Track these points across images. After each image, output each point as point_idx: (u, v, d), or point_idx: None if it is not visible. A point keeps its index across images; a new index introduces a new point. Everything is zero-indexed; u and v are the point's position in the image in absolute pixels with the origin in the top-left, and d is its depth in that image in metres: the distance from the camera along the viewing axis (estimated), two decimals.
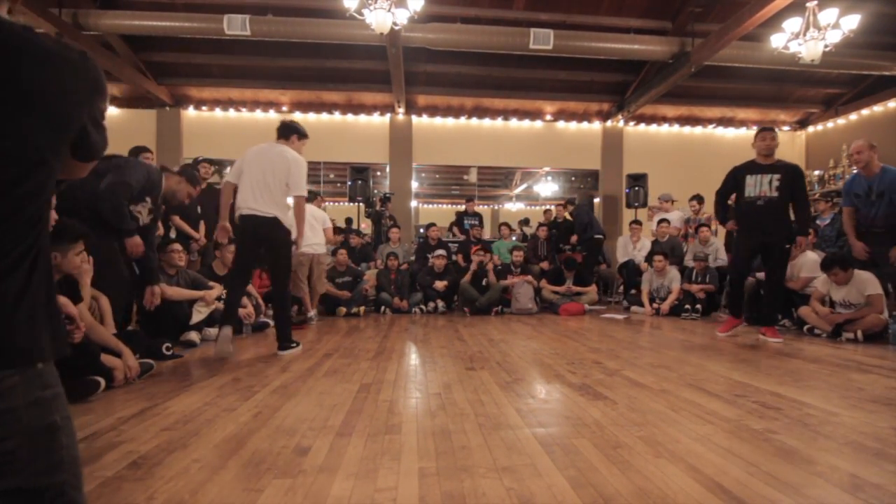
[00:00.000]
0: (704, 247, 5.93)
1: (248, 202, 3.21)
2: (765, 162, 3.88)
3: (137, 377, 2.49)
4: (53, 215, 2.03)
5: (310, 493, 1.28)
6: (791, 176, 3.81)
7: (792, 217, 4.00)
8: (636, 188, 8.09)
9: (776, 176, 3.81)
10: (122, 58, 7.25)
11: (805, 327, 4.21)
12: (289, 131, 3.42)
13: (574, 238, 7.12)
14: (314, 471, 1.42)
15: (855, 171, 4.34)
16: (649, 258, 6.16)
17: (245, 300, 4.39)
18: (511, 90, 8.46)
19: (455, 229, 7.95)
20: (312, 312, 5.06)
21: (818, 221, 5.69)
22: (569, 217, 7.69)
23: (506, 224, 7.73)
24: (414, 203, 9.52)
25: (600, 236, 7.19)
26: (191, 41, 7.06)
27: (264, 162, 3.25)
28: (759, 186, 3.84)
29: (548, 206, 9.40)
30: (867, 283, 3.89)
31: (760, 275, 4.81)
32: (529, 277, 6.21)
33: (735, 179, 3.98)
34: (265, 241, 3.29)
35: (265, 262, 3.51)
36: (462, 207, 8.18)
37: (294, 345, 3.39)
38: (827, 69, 6.95)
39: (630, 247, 6.96)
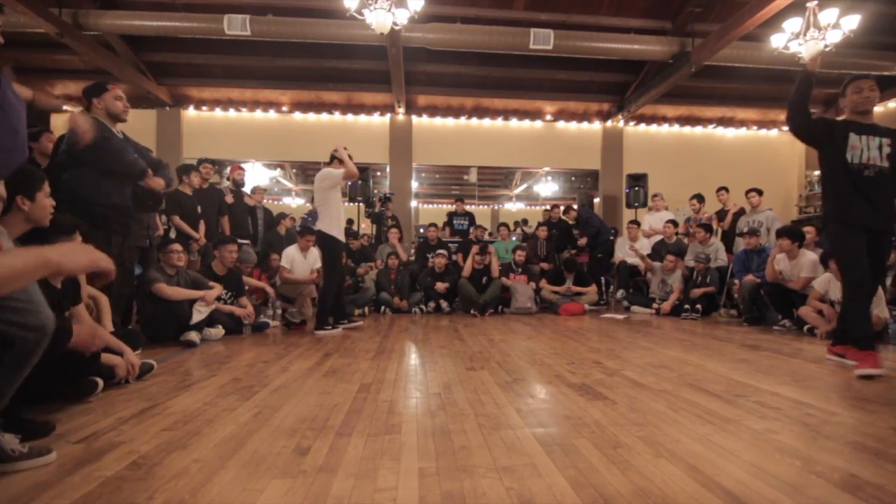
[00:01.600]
0: (704, 247, 5.93)
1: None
2: (864, 120, 2.83)
3: (136, 377, 2.49)
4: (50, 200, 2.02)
5: (310, 493, 1.28)
6: None
7: None
8: (636, 188, 8.09)
9: (886, 140, 2.75)
10: (122, 58, 7.26)
11: (805, 327, 4.21)
12: (332, 158, 4.40)
13: (584, 240, 7.01)
14: (314, 471, 1.42)
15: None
16: (657, 256, 6.18)
17: (244, 300, 4.39)
18: (511, 90, 8.47)
19: (447, 229, 7.95)
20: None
21: None
22: (567, 219, 7.68)
23: (504, 225, 7.74)
24: (414, 203, 9.52)
25: (612, 237, 7.19)
26: (191, 41, 7.07)
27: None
28: (867, 151, 2.73)
29: (547, 206, 9.40)
30: None
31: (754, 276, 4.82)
32: (526, 278, 6.24)
33: (830, 132, 2.82)
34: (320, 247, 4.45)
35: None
36: (452, 208, 8.21)
37: (328, 327, 4.28)
38: (827, 69, 6.94)
39: (628, 246, 6.95)
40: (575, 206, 7.76)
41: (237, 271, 4.54)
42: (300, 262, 5.14)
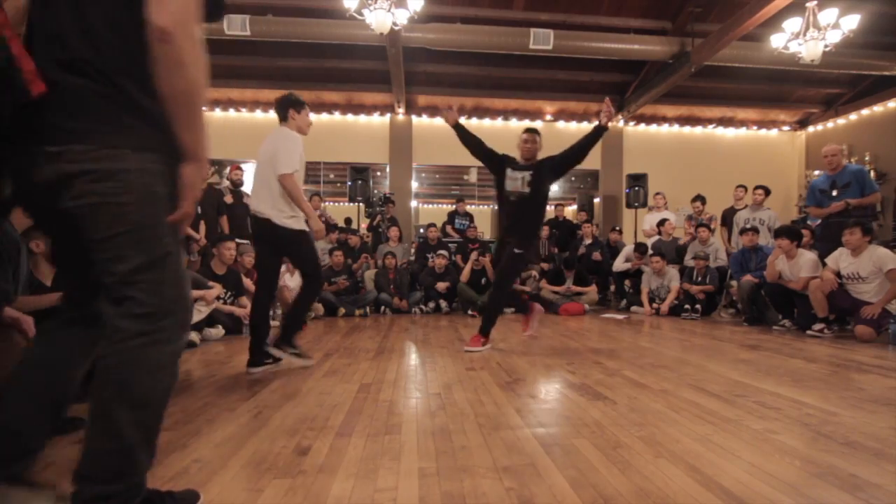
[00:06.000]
0: (704, 246, 5.93)
1: (251, 201, 2.91)
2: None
3: None
4: None
5: (310, 493, 1.28)
6: None
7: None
8: (636, 188, 8.09)
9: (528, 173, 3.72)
10: None
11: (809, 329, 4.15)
12: (283, 108, 2.87)
13: (598, 255, 6.86)
14: (314, 471, 1.42)
15: (818, 175, 4.82)
16: (641, 253, 6.24)
17: (244, 300, 4.39)
18: (511, 90, 8.46)
19: (448, 227, 7.94)
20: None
21: (809, 222, 5.72)
22: (569, 218, 7.66)
23: None
24: (414, 203, 9.52)
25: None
26: None
27: (262, 153, 2.85)
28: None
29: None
30: (885, 257, 3.81)
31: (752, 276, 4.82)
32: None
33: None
34: (268, 243, 2.86)
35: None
36: (453, 207, 8.20)
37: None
38: (827, 69, 6.94)
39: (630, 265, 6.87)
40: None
41: (237, 270, 4.54)
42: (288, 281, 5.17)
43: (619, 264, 6.60)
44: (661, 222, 6.68)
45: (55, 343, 1.16)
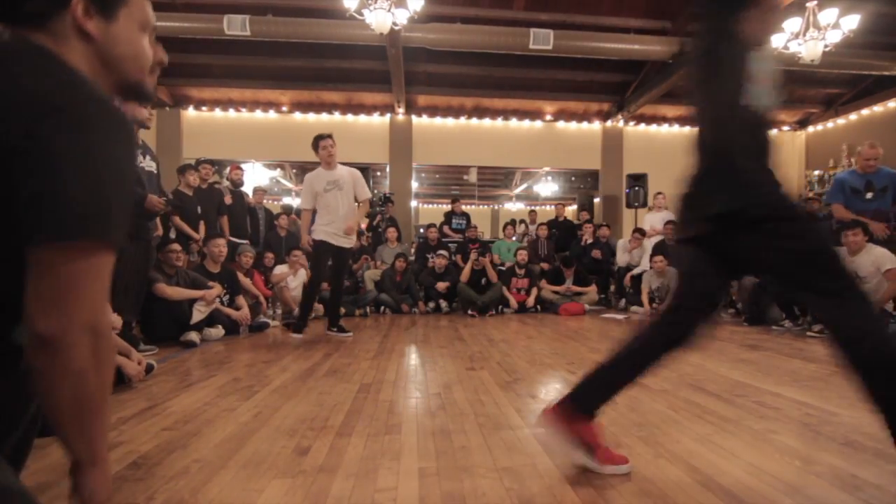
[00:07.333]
0: None
1: None
2: None
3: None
4: None
5: (310, 493, 1.28)
6: None
7: None
8: (636, 188, 8.08)
9: None
10: None
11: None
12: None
13: (598, 253, 6.93)
14: (314, 471, 1.42)
15: (849, 169, 4.72)
16: (641, 234, 6.29)
17: (241, 301, 4.39)
18: (511, 90, 8.46)
19: (445, 228, 7.95)
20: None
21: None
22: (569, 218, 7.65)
23: (511, 223, 7.74)
24: (414, 203, 9.52)
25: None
26: (191, 41, 7.05)
27: None
28: None
29: (532, 208, 9.48)
30: (882, 257, 3.81)
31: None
32: (528, 281, 6.29)
33: None
34: None
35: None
36: (449, 207, 8.22)
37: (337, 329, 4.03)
38: (827, 69, 6.94)
39: (628, 251, 6.89)
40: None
41: (231, 269, 4.55)
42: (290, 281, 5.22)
43: (621, 257, 6.60)
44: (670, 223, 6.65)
45: None
